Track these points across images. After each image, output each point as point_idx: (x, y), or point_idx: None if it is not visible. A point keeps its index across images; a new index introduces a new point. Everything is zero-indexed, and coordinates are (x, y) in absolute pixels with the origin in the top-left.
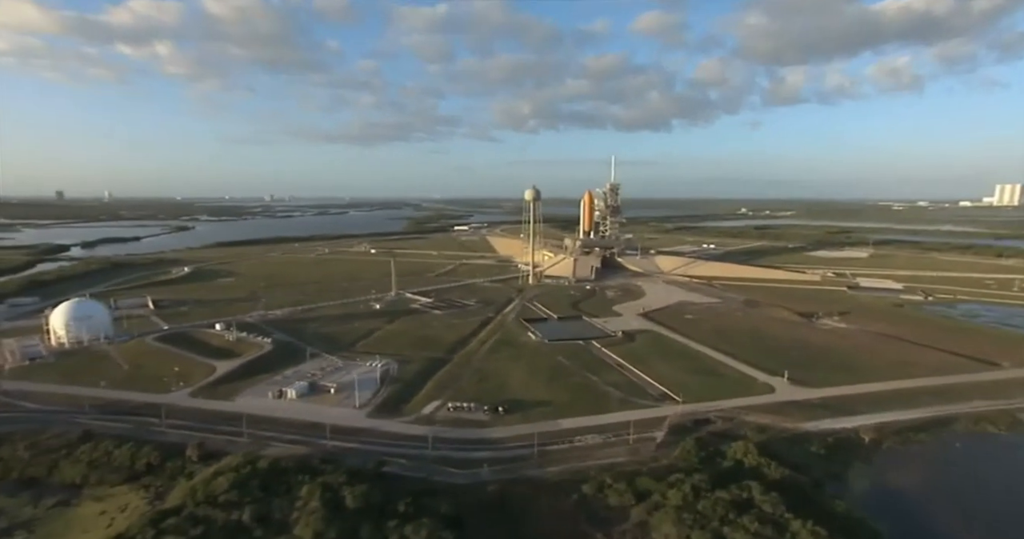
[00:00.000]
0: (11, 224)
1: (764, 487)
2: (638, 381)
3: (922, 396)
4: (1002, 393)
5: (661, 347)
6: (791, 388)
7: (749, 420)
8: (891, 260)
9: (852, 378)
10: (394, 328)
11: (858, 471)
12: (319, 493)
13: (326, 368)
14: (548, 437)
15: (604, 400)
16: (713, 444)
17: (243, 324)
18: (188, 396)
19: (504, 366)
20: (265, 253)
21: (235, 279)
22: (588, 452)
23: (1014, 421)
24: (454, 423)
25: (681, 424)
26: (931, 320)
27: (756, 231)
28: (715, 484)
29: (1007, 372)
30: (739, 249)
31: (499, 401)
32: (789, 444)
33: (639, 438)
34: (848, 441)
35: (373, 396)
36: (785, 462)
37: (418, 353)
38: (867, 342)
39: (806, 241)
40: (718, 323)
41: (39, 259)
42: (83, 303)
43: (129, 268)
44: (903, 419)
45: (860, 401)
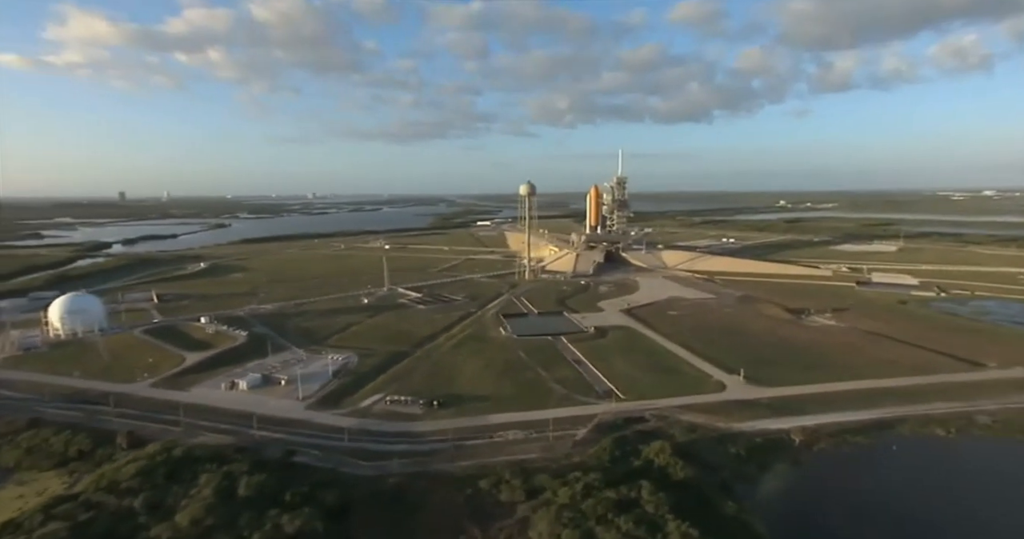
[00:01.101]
0: (72, 223)
1: (655, 487)
2: (589, 378)
3: (882, 397)
4: (969, 395)
5: (629, 344)
6: (744, 387)
7: (684, 419)
8: (920, 254)
9: (817, 377)
10: (373, 322)
11: (776, 473)
12: (216, 482)
13: (289, 361)
14: (470, 432)
15: (545, 396)
16: (634, 443)
17: (231, 318)
18: (149, 386)
19: (461, 361)
20: (284, 249)
21: (245, 274)
22: (504, 448)
23: (968, 424)
24: (385, 416)
25: (612, 422)
26: (931, 317)
27: (786, 224)
28: (609, 483)
29: (988, 373)
30: (759, 243)
31: (440, 395)
32: (713, 444)
33: (561, 435)
34: (777, 442)
35: (320, 389)
36: (699, 463)
37: (384, 347)
38: (851, 340)
39: (836, 234)
40: (701, 320)
41: (80, 255)
42: (78, 297)
43: (153, 264)
44: (850, 420)
45: (813, 401)
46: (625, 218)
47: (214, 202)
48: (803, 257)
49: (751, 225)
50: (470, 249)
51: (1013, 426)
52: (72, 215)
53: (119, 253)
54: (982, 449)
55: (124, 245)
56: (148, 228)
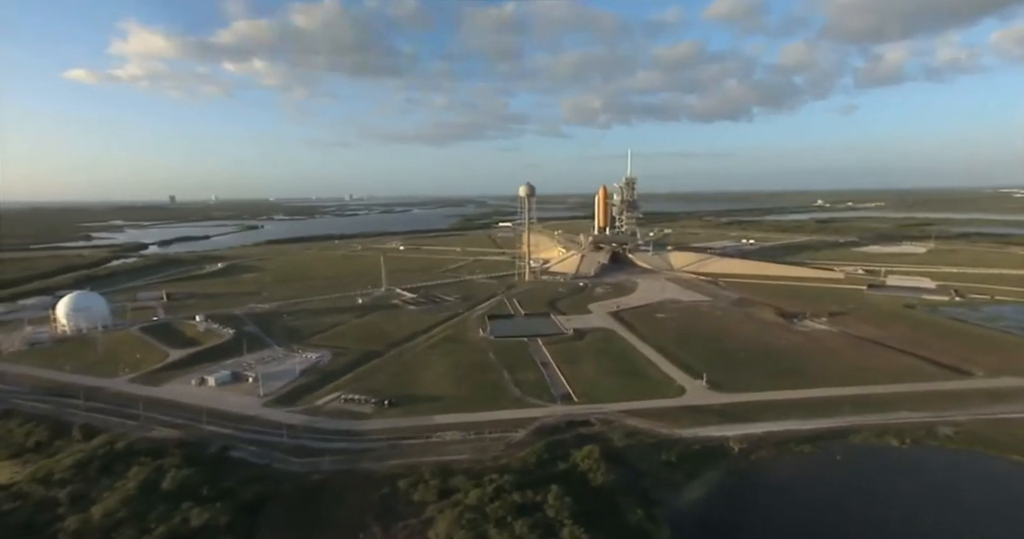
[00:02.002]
0: (121, 226)
1: (562, 492)
2: (550, 380)
3: (846, 405)
4: (941, 404)
5: (603, 346)
6: (704, 392)
7: (628, 424)
8: (951, 256)
9: (785, 384)
10: (359, 322)
11: (703, 481)
12: (144, 475)
13: (265, 359)
14: (411, 431)
15: (499, 398)
16: (567, 447)
17: (228, 317)
18: (126, 381)
19: (430, 360)
20: (304, 250)
21: (258, 274)
22: (437, 448)
23: (927, 434)
24: (335, 414)
25: (554, 425)
26: (934, 323)
27: (817, 224)
28: (521, 486)
29: (971, 382)
30: (780, 244)
31: (395, 395)
32: (648, 450)
33: (499, 437)
34: (714, 450)
35: (284, 386)
36: (625, 468)
37: (360, 346)
38: (836, 346)
39: (867, 235)
40: (686, 323)
41: (116, 256)
42: (83, 295)
43: (176, 264)
44: (803, 429)
45: (772, 408)
46: (634, 219)
47: (257, 204)
48: (824, 259)
49: (778, 226)
50: (482, 250)
51: (974, 438)
52: (124, 218)
53: (151, 254)
54: (931, 461)
55: (159, 246)
56: (186, 230)
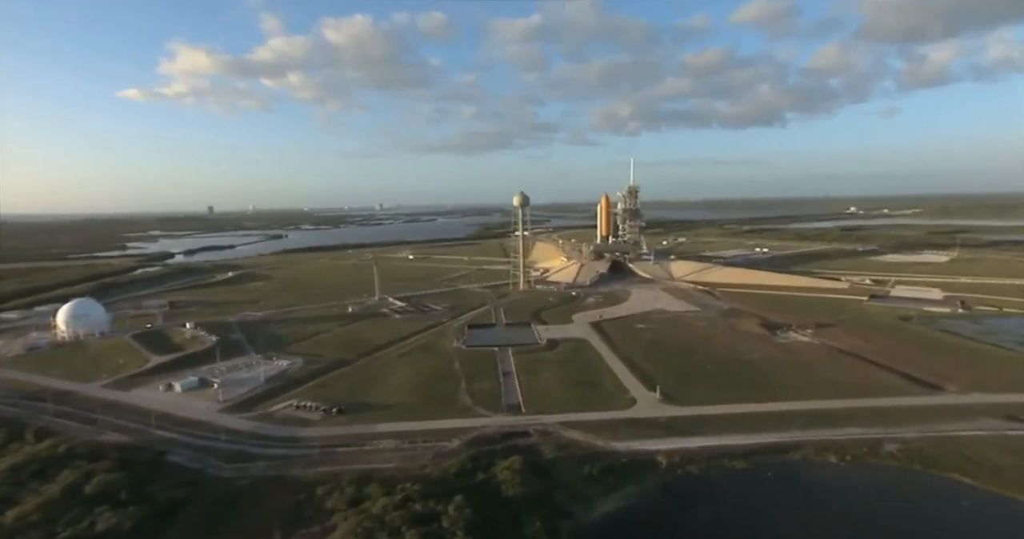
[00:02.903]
0: (156, 236)
1: (465, 503)
2: (505, 390)
3: (798, 420)
4: (897, 420)
5: (570, 357)
6: (655, 405)
7: (565, 436)
8: (972, 265)
9: (743, 397)
10: (342, 331)
11: (622, 495)
12: (71, 479)
13: (238, 365)
14: (350, 439)
15: (448, 407)
16: (494, 457)
17: (219, 324)
18: (100, 386)
19: (395, 369)
20: (315, 259)
21: (264, 283)
22: (367, 456)
23: (869, 452)
24: (283, 421)
25: (490, 436)
26: (924, 336)
27: (841, 232)
28: (428, 496)
29: (939, 397)
30: (795, 253)
31: (348, 402)
32: (575, 463)
33: (432, 447)
34: (643, 464)
35: (245, 393)
36: (545, 481)
37: (335, 354)
38: (811, 358)
39: (891, 243)
40: (664, 334)
41: (141, 265)
42: (82, 303)
43: (192, 273)
44: (743, 443)
45: (720, 422)
46: (637, 228)
47: (291, 214)
48: (837, 268)
49: (800, 234)
50: (490, 259)
51: (918, 456)
52: (163, 228)
53: (173, 263)
54: (862, 479)
55: (185, 255)
56: (215, 239)
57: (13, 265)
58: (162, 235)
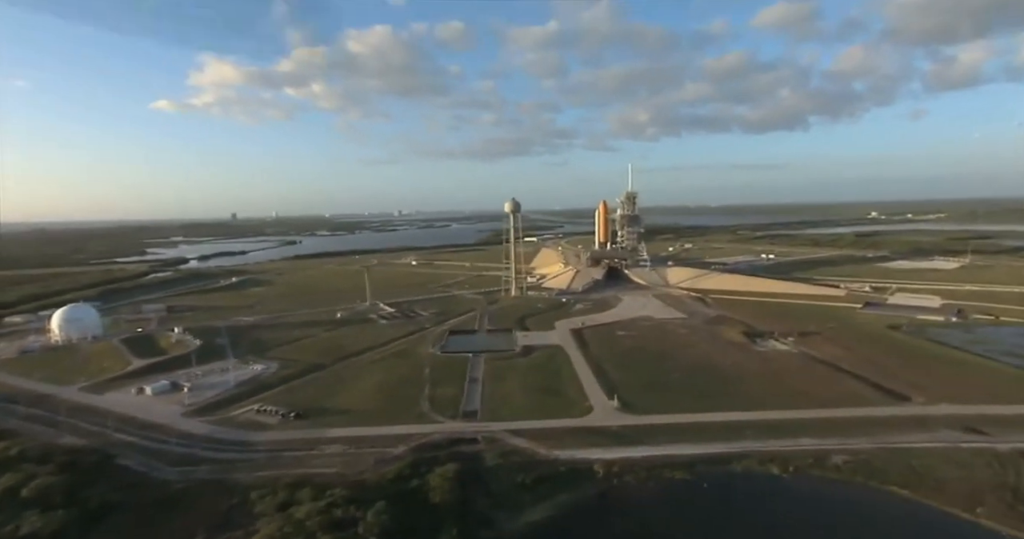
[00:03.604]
0: (176, 242)
1: (386, 508)
2: (467, 396)
3: (750, 430)
4: (851, 431)
5: (541, 364)
6: (611, 413)
7: (511, 443)
8: (982, 272)
9: (703, 406)
10: (326, 336)
11: (551, 504)
12: (11, 482)
13: (214, 370)
14: (300, 444)
15: (405, 413)
16: (433, 464)
17: (208, 329)
18: (77, 389)
19: (365, 374)
20: (321, 265)
21: (265, 288)
22: (311, 461)
23: (816, 463)
24: (240, 425)
25: (437, 442)
26: (908, 345)
27: (856, 238)
28: (352, 501)
29: (903, 408)
30: (802, 259)
31: (309, 407)
32: (512, 470)
33: (378, 452)
34: (580, 473)
35: (213, 396)
36: (477, 488)
37: (311, 359)
38: (785, 367)
39: (903, 249)
40: (642, 342)
41: (154, 270)
42: (76, 308)
43: (199, 279)
44: (686, 453)
45: (672, 431)
46: (636, 234)
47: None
48: (841, 275)
49: (813, 240)
50: (492, 265)
51: (863, 469)
52: (185, 235)
53: (184, 268)
54: (799, 491)
55: (198, 261)
56: (232, 245)
57: (39, 270)
58: (183, 241)
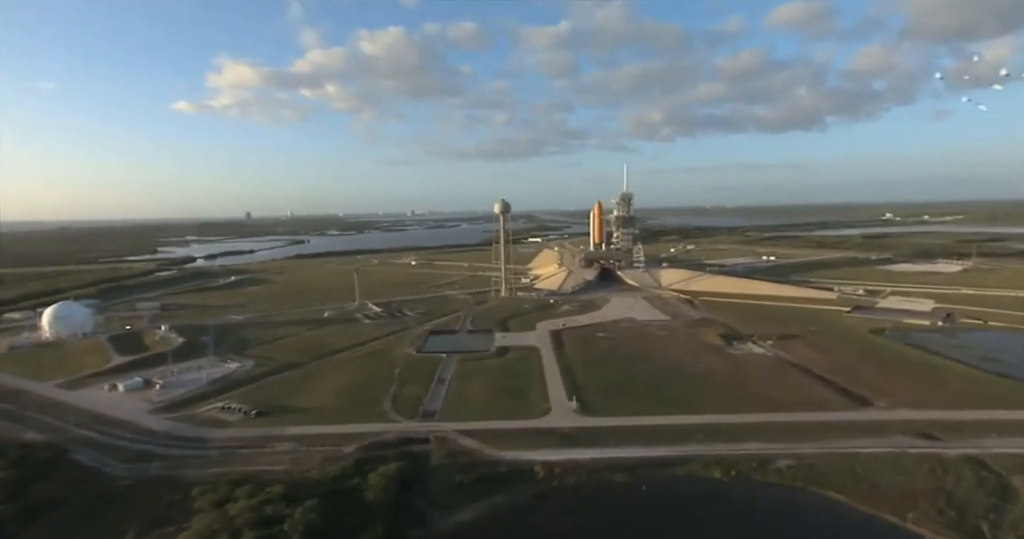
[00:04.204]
0: (188, 241)
1: (315, 506)
2: (431, 396)
3: (701, 434)
4: (803, 436)
5: (512, 365)
6: (567, 415)
7: (461, 444)
8: (985, 276)
9: (662, 409)
10: (309, 335)
11: (484, 505)
12: None
13: (190, 367)
14: (252, 441)
15: (365, 412)
16: (378, 463)
17: (196, 327)
18: (53, 386)
19: (336, 373)
20: (322, 264)
21: (261, 287)
22: (262, 458)
23: (758, 467)
24: (202, 422)
25: (388, 441)
26: (886, 349)
27: (863, 240)
28: (285, 498)
29: (862, 413)
30: (802, 261)
31: (273, 405)
32: (454, 471)
33: (329, 451)
34: (521, 474)
35: (182, 394)
36: (416, 488)
37: (288, 357)
38: (755, 371)
39: (908, 251)
40: (619, 344)
41: (159, 269)
42: (66, 305)
43: (200, 277)
44: (632, 456)
45: (621, 434)
46: (630, 235)
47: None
48: (839, 277)
49: (820, 241)
50: (489, 265)
51: (805, 473)
52: (199, 233)
53: (190, 267)
54: (736, 494)
55: (205, 260)
56: (241, 244)
57: (49, 268)
58: (195, 240)
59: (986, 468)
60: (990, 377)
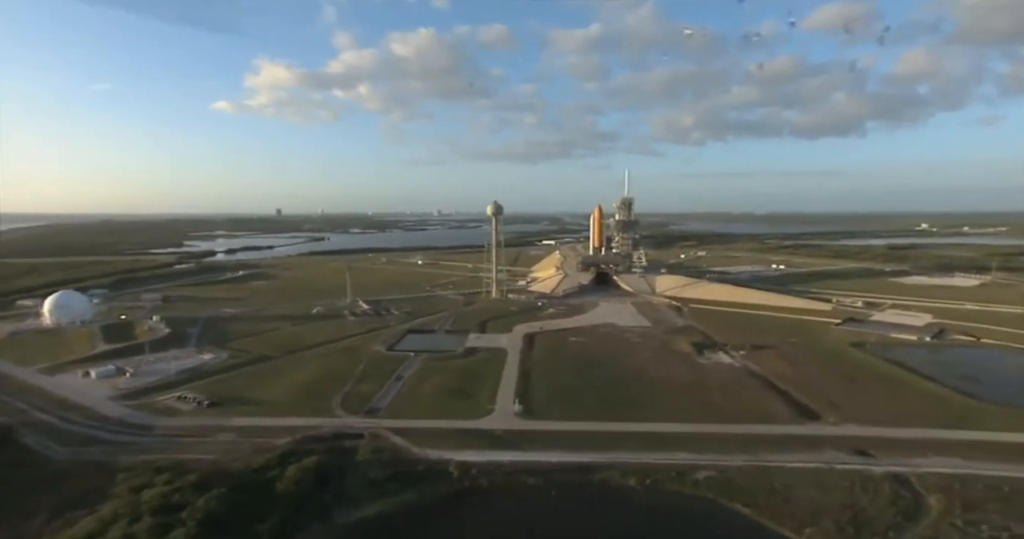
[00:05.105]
0: (214, 236)
1: (217, 496)
2: (383, 394)
3: (632, 442)
4: (734, 448)
5: (473, 365)
6: (507, 417)
7: (391, 441)
8: (998, 291)
9: (605, 415)
10: (291, 330)
11: (392, 501)
12: None
13: (165, 357)
14: (195, 430)
15: (313, 406)
16: (302, 456)
17: (187, 318)
18: (34, 371)
19: (301, 368)
20: (330, 261)
21: (265, 282)
22: (197, 447)
23: (675, 478)
24: (156, 411)
25: (322, 435)
26: (858, 364)
27: (888, 250)
28: (192, 486)
29: (807, 426)
30: (812, 271)
31: (229, 397)
32: (372, 467)
33: (261, 442)
34: (437, 473)
35: (151, 382)
36: (331, 482)
37: (264, 351)
38: (715, 381)
39: (929, 264)
40: (590, 348)
41: (179, 261)
42: (66, 294)
43: (211, 271)
44: (553, 460)
45: (553, 438)
46: (630, 240)
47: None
48: (843, 289)
49: (839, 251)
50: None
51: (720, 486)
52: (227, 229)
53: (207, 261)
54: (643, 504)
55: (225, 254)
56: (261, 240)
57: (78, 258)
58: (223, 235)
59: (907, 487)
60: (954, 395)
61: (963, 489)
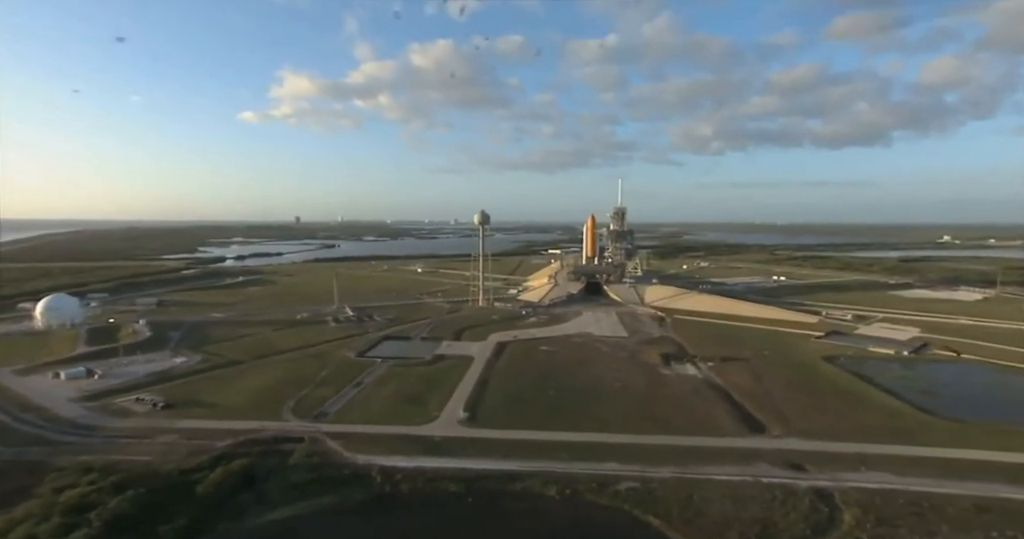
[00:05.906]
0: (228, 242)
1: (130, 497)
2: (337, 398)
3: (565, 451)
4: (664, 460)
5: (435, 373)
6: (450, 425)
7: (327, 445)
8: (999, 306)
9: (548, 425)
10: (272, 335)
11: (308, 505)
12: None
13: (137, 360)
14: (142, 432)
15: (264, 411)
16: (235, 458)
17: (173, 322)
18: (10, 371)
19: (267, 372)
20: (331, 268)
21: (261, 288)
22: (138, 448)
23: (596, 489)
24: (111, 412)
25: (263, 438)
26: (823, 378)
27: (899, 263)
28: (117, 488)
29: (748, 440)
30: (812, 283)
31: (186, 400)
32: (299, 470)
33: (200, 444)
34: (358, 478)
35: (116, 384)
36: (249, 485)
37: (236, 355)
38: (672, 392)
39: (936, 277)
40: (556, 356)
41: (186, 267)
42: (57, 297)
43: (214, 276)
44: (479, 468)
45: (489, 446)
46: (623, 250)
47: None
48: (840, 301)
49: (847, 262)
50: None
51: (638, 498)
52: (245, 235)
53: (214, 267)
54: (553, 514)
55: (234, 260)
56: (272, 246)
57: (91, 263)
58: (239, 241)
59: (828, 501)
60: (911, 410)
61: (883, 504)
